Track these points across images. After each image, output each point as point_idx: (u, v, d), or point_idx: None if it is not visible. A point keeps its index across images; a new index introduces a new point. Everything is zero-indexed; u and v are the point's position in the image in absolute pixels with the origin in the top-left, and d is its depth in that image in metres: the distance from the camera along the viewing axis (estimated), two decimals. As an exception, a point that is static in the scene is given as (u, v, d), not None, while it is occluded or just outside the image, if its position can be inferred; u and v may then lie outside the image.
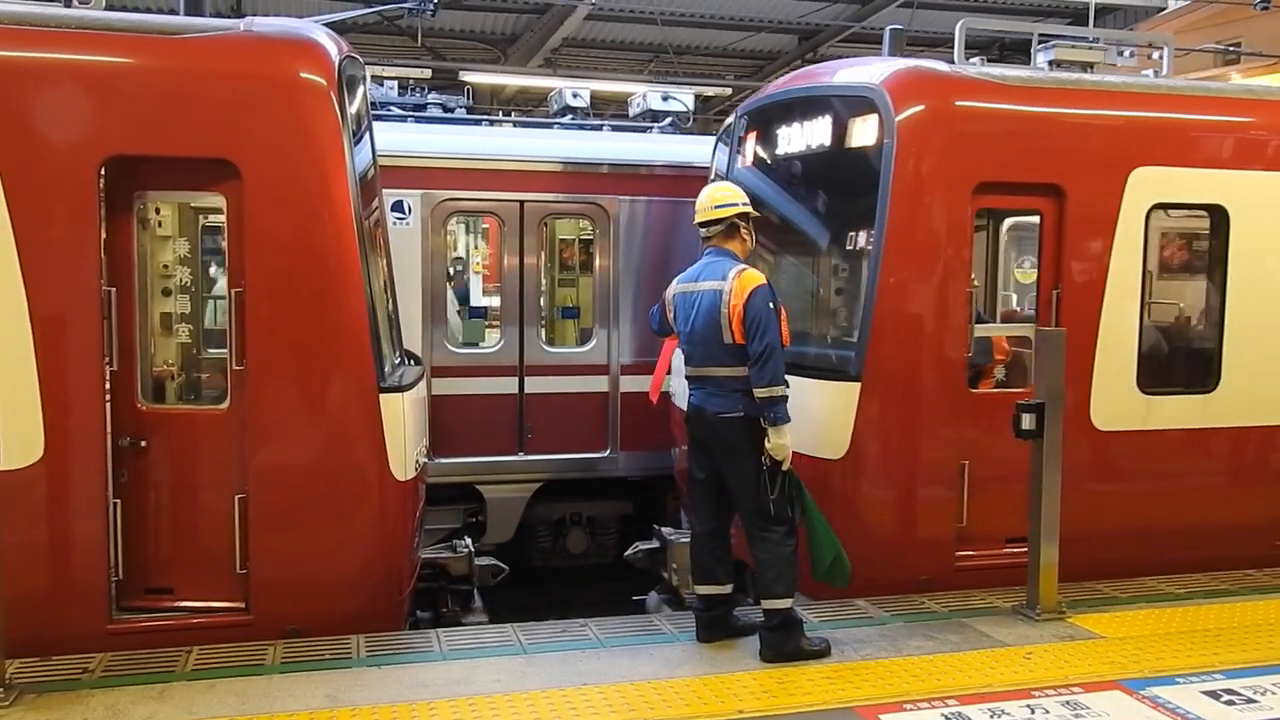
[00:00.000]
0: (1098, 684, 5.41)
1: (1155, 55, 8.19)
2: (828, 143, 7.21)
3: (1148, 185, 7.03)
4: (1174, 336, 7.78)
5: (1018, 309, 8.76)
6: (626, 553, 8.65)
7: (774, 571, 5.72)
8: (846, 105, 7.06)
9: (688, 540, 7.79)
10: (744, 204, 5.99)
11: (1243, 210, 7.26)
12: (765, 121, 7.94)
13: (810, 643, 5.76)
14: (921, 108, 6.69)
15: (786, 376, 5.65)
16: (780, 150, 7.76)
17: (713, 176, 8.57)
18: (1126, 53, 8.10)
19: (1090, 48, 7.69)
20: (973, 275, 6.84)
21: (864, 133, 6.87)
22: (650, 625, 6.33)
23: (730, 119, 8.57)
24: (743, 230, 5.98)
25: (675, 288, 6.07)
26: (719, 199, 6.00)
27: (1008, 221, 8.54)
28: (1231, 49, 20.65)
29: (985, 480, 6.79)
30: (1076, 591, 6.72)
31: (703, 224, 5.99)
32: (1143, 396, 7.09)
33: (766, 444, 5.62)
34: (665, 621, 6.38)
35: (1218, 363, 7.31)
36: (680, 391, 8.47)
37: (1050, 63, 7.57)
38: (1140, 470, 7.19)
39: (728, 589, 6.00)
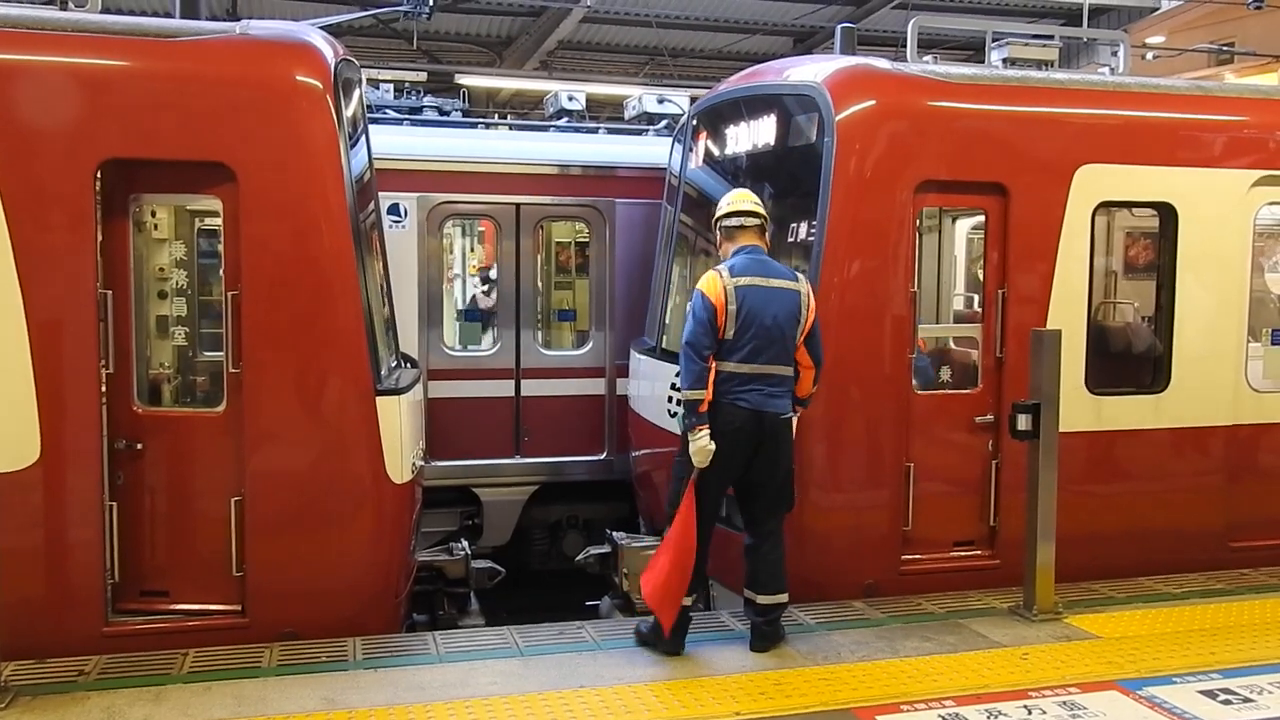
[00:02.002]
0: (1095, 684, 5.41)
1: (1149, 56, 8.19)
2: (773, 141, 7.17)
3: (1094, 183, 6.94)
4: (1123, 336, 7.68)
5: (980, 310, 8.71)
6: (577, 557, 8.51)
7: (782, 566, 5.82)
8: (790, 104, 7.03)
9: (639, 545, 7.79)
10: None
11: (1191, 207, 7.17)
12: (716, 120, 7.90)
13: None
14: (861, 106, 6.63)
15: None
16: (730, 149, 7.70)
17: (669, 176, 8.55)
18: (1119, 52, 8.08)
19: (1044, 46, 7.59)
20: (913, 279, 6.73)
21: (806, 131, 6.83)
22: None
23: (684, 117, 8.52)
24: (765, 234, 6.03)
25: (739, 281, 5.64)
26: (753, 197, 6.03)
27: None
28: (1225, 49, 20.71)
29: (931, 482, 6.73)
30: (1073, 592, 6.72)
31: (738, 214, 5.91)
32: (1091, 397, 7.00)
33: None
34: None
35: (1168, 363, 7.20)
36: (639, 395, 8.41)
37: (1004, 60, 7.49)
38: (1089, 473, 7.05)
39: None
